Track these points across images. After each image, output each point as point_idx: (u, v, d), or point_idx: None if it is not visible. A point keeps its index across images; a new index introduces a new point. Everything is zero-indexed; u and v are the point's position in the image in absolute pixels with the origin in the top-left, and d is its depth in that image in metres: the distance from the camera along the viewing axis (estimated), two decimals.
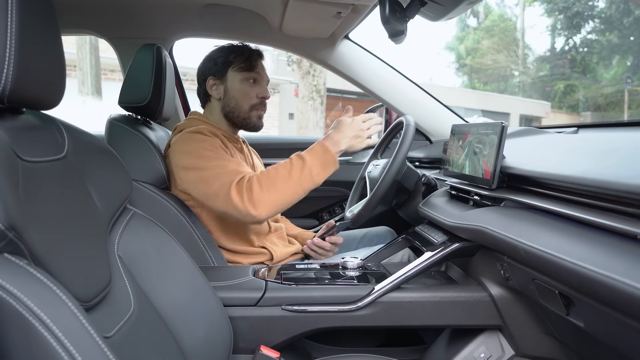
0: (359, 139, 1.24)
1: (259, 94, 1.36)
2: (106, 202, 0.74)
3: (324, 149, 1.21)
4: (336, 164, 1.22)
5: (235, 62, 1.35)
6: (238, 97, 1.35)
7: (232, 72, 1.35)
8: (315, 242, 1.36)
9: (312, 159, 1.19)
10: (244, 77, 1.35)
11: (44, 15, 0.61)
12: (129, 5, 1.63)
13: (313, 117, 6.51)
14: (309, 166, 1.17)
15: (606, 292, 0.54)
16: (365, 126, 1.25)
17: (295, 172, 1.16)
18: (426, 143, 1.90)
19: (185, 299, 0.82)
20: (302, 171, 1.17)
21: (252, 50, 1.38)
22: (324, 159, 1.20)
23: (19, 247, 0.50)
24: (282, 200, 1.16)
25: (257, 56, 1.38)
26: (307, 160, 1.18)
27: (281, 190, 1.15)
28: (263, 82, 1.39)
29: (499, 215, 0.86)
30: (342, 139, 1.22)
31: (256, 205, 1.13)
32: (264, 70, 1.40)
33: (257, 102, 1.36)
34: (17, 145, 0.57)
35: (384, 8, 1.00)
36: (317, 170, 1.18)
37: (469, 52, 16.95)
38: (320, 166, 1.19)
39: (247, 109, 1.36)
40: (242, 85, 1.35)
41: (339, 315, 1.00)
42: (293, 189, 1.16)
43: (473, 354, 0.99)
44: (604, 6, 13.24)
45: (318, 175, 1.19)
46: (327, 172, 1.21)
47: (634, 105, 10.41)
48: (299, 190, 1.17)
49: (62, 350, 0.45)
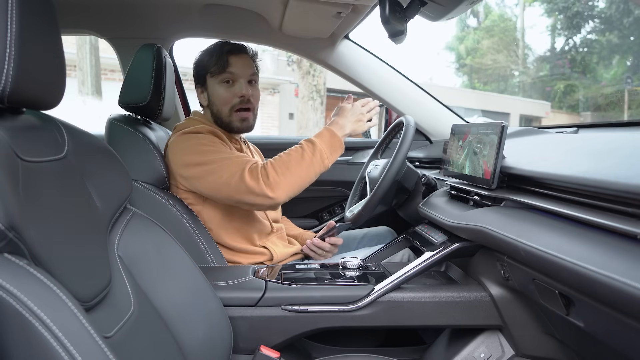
0: (360, 123, 1.31)
1: (237, 94, 1.31)
2: (106, 202, 0.74)
3: (331, 133, 1.26)
4: (342, 146, 1.27)
5: (209, 66, 1.32)
6: (217, 102, 1.33)
7: (209, 78, 1.33)
8: (315, 243, 1.36)
9: (322, 143, 1.24)
10: (219, 80, 1.31)
11: (44, 15, 0.61)
12: (129, 5, 1.63)
13: (313, 117, 6.51)
14: (319, 149, 1.22)
15: (606, 292, 0.54)
16: (365, 109, 1.33)
17: (307, 156, 1.21)
18: (426, 143, 1.90)
19: (185, 299, 0.82)
20: (314, 154, 1.22)
21: (223, 49, 1.31)
22: (332, 142, 1.25)
23: (19, 247, 0.50)
24: (298, 182, 1.20)
25: (227, 54, 1.30)
26: (317, 144, 1.23)
27: (296, 174, 1.19)
28: (240, 80, 1.32)
29: (499, 215, 0.86)
30: (346, 123, 1.29)
31: (274, 188, 1.16)
32: (242, 67, 1.32)
33: (237, 101, 1.32)
34: (17, 145, 0.57)
35: (384, 8, 1.00)
36: (326, 154, 1.23)
37: (469, 52, 16.95)
38: (329, 149, 1.24)
39: (227, 113, 1.33)
40: (219, 89, 1.32)
41: (339, 315, 1.00)
42: (306, 171, 1.20)
43: (473, 354, 0.99)
44: (604, 6, 13.24)
45: (328, 158, 1.24)
46: (335, 155, 1.26)
47: (634, 105, 10.41)
48: (311, 173, 1.22)
49: (62, 350, 0.45)
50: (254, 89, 1.36)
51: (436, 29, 33.79)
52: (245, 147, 1.45)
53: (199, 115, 1.40)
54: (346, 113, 1.31)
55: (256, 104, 1.38)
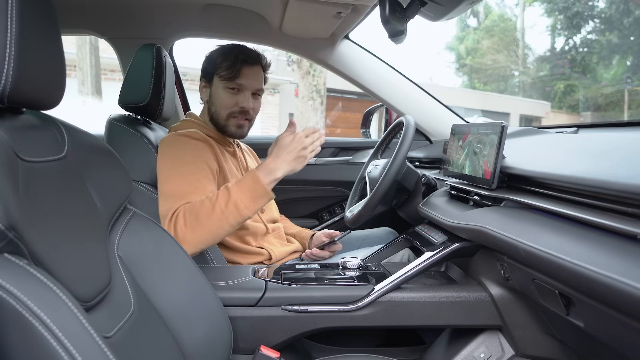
0: (300, 159, 1.14)
1: (239, 104, 1.31)
2: (106, 202, 0.74)
3: (254, 180, 1.11)
4: (268, 194, 1.12)
5: (220, 69, 1.31)
6: (217, 103, 1.32)
7: (216, 79, 1.32)
8: (315, 253, 1.36)
9: (239, 192, 1.10)
10: (225, 86, 1.31)
11: (44, 15, 0.61)
12: (129, 5, 1.63)
13: (313, 117, 6.51)
14: (234, 200, 1.08)
15: (606, 292, 0.54)
16: (309, 141, 1.15)
17: (218, 207, 1.07)
18: (426, 143, 1.90)
19: (185, 299, 0.82)
20: (227, 205, 1.08)
21: (238, 57, 1.30)
22: (254, 190, 1.10)
23: (19, 247, 0.50)
24: (206, 236, 1.07)
25: (241, 64, 1.29)
26: (232, 193, 1.09)
27: (205, 226, 1.07)
28: (246, 92, 1.31)
29: (499, 215, 0.86)
30: (278, 166, 1.13)
31: (181, 242, 1.05)
32: (251, 79, 1.31)
33: (237, 110, 1.31)
34: (17, 145, 0.57)
35: (384, 8, 1.00)
36: (244, 204, 1.09)
37: (469, 52, 16.96)
38: (248, 199, 1.09)
39: (224, 117, 1.32)
40: (224, 93, 1.31)
41: (339, 315, 1.00)
42: (217, 224, 1.07)
43: (473, 354, 0.99)
44: (604, 6, 13.24)
45: (246, 208, 1.09)
46: (258, 204, 1.11)
47: (634, 105, 10.42)
48: (224, 225, 1.08)
49: (62, 351, 0.45)
50: (256, 102, 1.36)
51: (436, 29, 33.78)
52: (238, 149, 1.45)
53: (194, 117, 1.39)
54: (282, 152, 1.14)
55: (255, 115, 1.37)
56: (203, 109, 1.40)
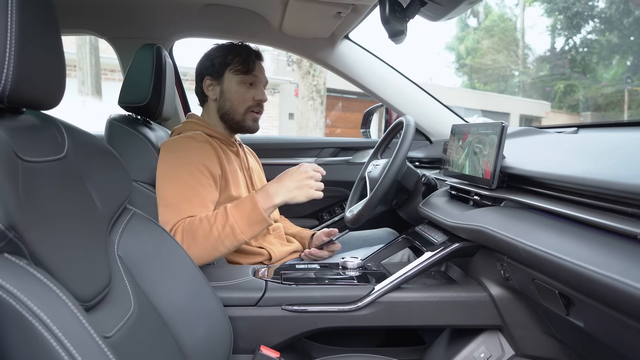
0: (303, 190, 1.12)
1: (256, 97, 1.34)
2: (106, 202, 0.74)
3: (253, 204, 1.09)
4: (266, 221, 1.10)
5: (233, 63, 1.33)
6: (234, 99, 1.33)
7: (229, 74, 1.33)
8: (314, 253, 1.36)
9: (237, 216, 1.08)
10: (241, 80, 1.33)
11: (44, 15, 0.61)
12: (129, 5, 1.63)
13: (313, 117, 6.51)
14: (231, 224, 1.07)
15: (606, 292, 0.54)
16: (317, 176, 1.15)
17: (215, 230, 1.07)
18: (426, 143, 1.90)
19: (185, 299, 0.82)
20: (224, 228, 1.07)
21: (251, 51, 1.35)
22: (251, 216, 1.09)
23: (19, 247, 0.50)
24: (201, 255, 1.06)
25: (255, 58, 1.35)
26: (230, 216, 1.08)
27: (200, 247, 1.06)
28: (260, 85, 1.36)
29: (499, 215, 0.86)
30: (278, 191, 1.11)
31: None
32: (262, 72, 1.37)
33: (254, 104, 1.34)
34: (17, 145, 0.57)
35: (384, 8, 1.00)
36: (241, 228, 1.07)
37: (469, 52, 16.96)
38: (245, 224, 1.08)
39: (242, 112, 1.34)
40: (239, 88, 1.33)
41: (338, 315, 1.00)
42: (213, 245, 1.06)
43: (473, 354, 0.99)
44: (604, 6, 13.25)
45: (243, 232, 1.08)
46: (254, 229, 1.09)
47: (634, 105, 10.43)
48: (220, 247, 1.07)
49: (62, 351, 0.45)
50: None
51: (436, 29, 33.82)
52: (241, 150, 1.45)
53: (196, 118, 1.39)
54: (285, 178, 1.13)
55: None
56: (208, 109, 1.39)
